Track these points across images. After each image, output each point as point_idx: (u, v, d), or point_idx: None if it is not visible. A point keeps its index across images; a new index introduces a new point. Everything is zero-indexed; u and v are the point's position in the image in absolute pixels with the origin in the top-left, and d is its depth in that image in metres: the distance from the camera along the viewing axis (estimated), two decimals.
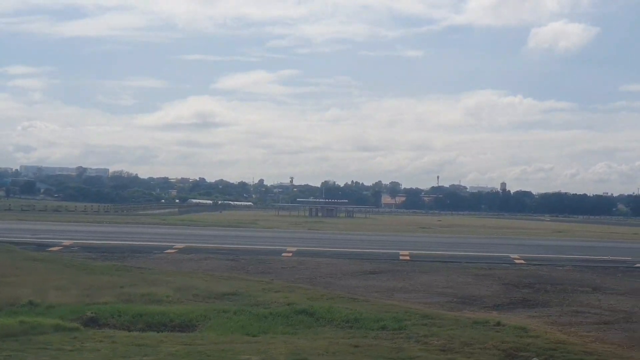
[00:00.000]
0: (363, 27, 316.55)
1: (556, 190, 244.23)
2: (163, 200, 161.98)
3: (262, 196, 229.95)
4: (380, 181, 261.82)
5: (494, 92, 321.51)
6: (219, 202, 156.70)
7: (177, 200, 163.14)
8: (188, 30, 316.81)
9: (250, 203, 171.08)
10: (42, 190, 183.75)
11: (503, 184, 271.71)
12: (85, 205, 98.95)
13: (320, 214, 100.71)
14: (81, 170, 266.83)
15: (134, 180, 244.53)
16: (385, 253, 30.71)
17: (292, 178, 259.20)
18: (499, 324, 14.73)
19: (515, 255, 31.45)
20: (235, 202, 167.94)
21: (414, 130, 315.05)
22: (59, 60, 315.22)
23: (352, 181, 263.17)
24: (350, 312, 15.46)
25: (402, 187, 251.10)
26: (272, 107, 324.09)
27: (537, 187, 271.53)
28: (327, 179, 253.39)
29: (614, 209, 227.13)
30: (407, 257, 28.70)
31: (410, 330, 13.94)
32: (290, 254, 28.85)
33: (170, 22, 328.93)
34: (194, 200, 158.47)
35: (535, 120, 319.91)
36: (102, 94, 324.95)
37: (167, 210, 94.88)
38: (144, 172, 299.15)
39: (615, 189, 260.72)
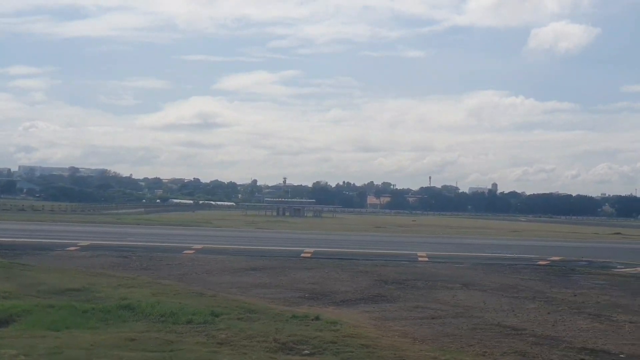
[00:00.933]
0: (365, 28, 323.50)
1: (554, 191, 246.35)
2: (144, 200, 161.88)
3: (249, 197, 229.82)
4: (372, 182, 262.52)
5: (495, 93, 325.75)
6: (200, 202, 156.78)
7: (158, 200, 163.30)
8: (190, 31, 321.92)
9: (232, 203, 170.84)
10: (24, 190, 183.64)
11: (494, 185, 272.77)
12: (52, 205, 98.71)
13: (287, 214, 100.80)
14: (73, 171, 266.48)
15: (124, 180, 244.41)
16: (290, 250, 30.66)
17: (285, 178, 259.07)
18: (317, 318, 14.58)
19: (423, 253, 31.41)
20: (218, 202, 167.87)
21: (415, 131, 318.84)
22: (61, 61, 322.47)
23: (344, 182, 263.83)
24: (172, 307, 15.33)
25: (396, 187, 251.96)
26: (274, 108, 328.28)
27: (538, 188, 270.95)
28: (328, 180, 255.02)
29: (599, 210, 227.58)
30: (309, 255, 28.59)
31: (216, 325, 13.84)
32: (193, 252, 28.72)
33: (172, 22, 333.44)
34: (175, 200, 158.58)
35: (537, 121, 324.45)
36: (104, 94, 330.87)
37: (135, 210, 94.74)
38: (145, 173, 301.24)
39: (616, 190, 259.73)
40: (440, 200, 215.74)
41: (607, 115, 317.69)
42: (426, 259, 29.49)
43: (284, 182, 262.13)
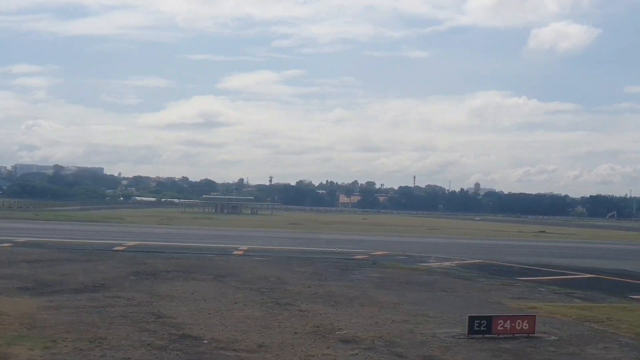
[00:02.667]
0: (368, 28, 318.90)
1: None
2: (108, 198, 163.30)
3: (222, 194, 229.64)
4: (356, 181, 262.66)
5: (498, 93, 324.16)
6: (162, 199, 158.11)
7: (121, 198, 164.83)
8: (193, 30, 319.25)
9: (196, 201, 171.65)
10: None
11: (477, 185, 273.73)
12: None
13: (225, 211, 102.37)
14: (58, 169, 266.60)
15: (104, 178, 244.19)
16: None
17: (271, 177, 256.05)
18: None
19: (245, 248, 32.73)
20: (182, 200, 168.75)
21: (417, 131, 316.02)
22: (63, 59, 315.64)
23: (327, 181, 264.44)
24: None
25: (382, 186, 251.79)
26: (277, 107, 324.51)
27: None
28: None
29: (570, 210, 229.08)
30: (121, 249, 29.88)
31: None
32: (9, 245, 30.08)
33: (175, 21, 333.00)
34: (138, 198, 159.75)
35: (539, 121, 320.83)
36: (106, 93, 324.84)
37: (71, 208, 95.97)
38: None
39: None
40: (411, 200, 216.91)
41: (610, 116, 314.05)
42: (240, 253, 30.60)
43: (270, 181, 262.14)
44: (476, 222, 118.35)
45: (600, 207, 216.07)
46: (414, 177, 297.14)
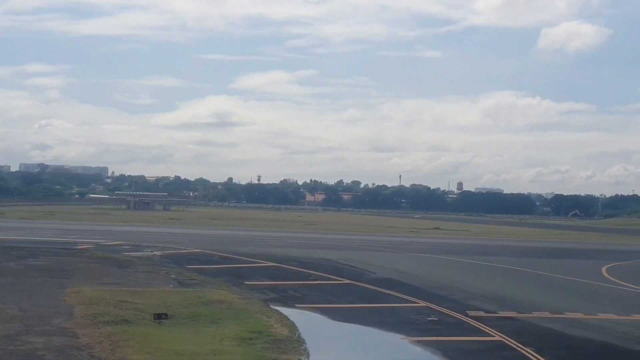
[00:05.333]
0: (382, 28, 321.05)
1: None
2: (64, 195, 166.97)
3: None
4: (341, 180, 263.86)
5: (512, 93, 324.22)
6: (113, 197, 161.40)
7: (76, 196, 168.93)
8: (207, 30, 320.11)
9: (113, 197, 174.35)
10: None
11: (460, 184, 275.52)
12: None
13: (137, 207, 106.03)
14: (43, 167, 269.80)
15: (75, 176, 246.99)
16: None
17: (259, 176, 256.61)
18: None
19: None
20: (98, 196, 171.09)
21: (431, 131, 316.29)
22: (77, 59, 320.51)
23: (311, 180, 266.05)
24: None
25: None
26: (290, 107, 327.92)
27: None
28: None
29: (534, 208, 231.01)
30: None
31: None
32: None
33: (188, 21, 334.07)
34: (92, 196, 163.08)
35: (553, 121, 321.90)
36: (120, 93, 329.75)
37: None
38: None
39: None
40: (373, 198, 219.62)
41: (623, 116, 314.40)
42: (85, 247, 34.40)
43: (259, 179, 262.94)
44: (386, 218, 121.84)
45: (559, 206, 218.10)
46: (400, 176, 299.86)
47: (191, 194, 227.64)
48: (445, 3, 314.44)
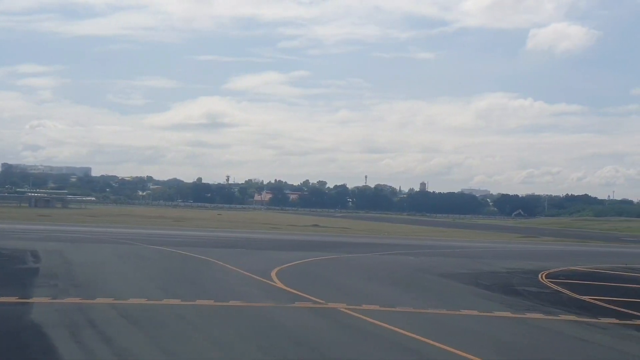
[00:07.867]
0: (375, 29, 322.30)
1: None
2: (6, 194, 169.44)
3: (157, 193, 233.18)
4: (307, 180, 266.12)
5: (504, 95, 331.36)
6: (66, 196, 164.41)
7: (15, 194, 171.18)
8: (199, 31, 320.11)
9: (92, 198, 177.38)
10: None
11: (423, 184, 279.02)
12: None
13: (37, 205, 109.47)
14: (6, 167, 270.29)
15: (44, 175, 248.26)
16: None
17: (227, 177, 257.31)
18: None
19: None
20: (81, 198, 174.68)
21: (423, 133, 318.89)
22: (69, 59, 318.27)
23: (276, 180, 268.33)
24: None
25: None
26: (282, 108, 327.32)
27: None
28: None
29: (482, 209, 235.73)
30: None
31: None
32: None
33: (181, 22, 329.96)
34: (30, 194, 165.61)
35: (545, 123, 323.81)
36: (112, 94, 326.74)
37: None
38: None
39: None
40: (319, 197, 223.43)
41: (616, 118, 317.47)
42: None
43: (227, 180, 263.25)
44: (286, 215, 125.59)
45: (504, 205, 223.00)
46: (366, 177, 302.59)
47: (144, 193, 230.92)
48: (438, 4, 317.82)
